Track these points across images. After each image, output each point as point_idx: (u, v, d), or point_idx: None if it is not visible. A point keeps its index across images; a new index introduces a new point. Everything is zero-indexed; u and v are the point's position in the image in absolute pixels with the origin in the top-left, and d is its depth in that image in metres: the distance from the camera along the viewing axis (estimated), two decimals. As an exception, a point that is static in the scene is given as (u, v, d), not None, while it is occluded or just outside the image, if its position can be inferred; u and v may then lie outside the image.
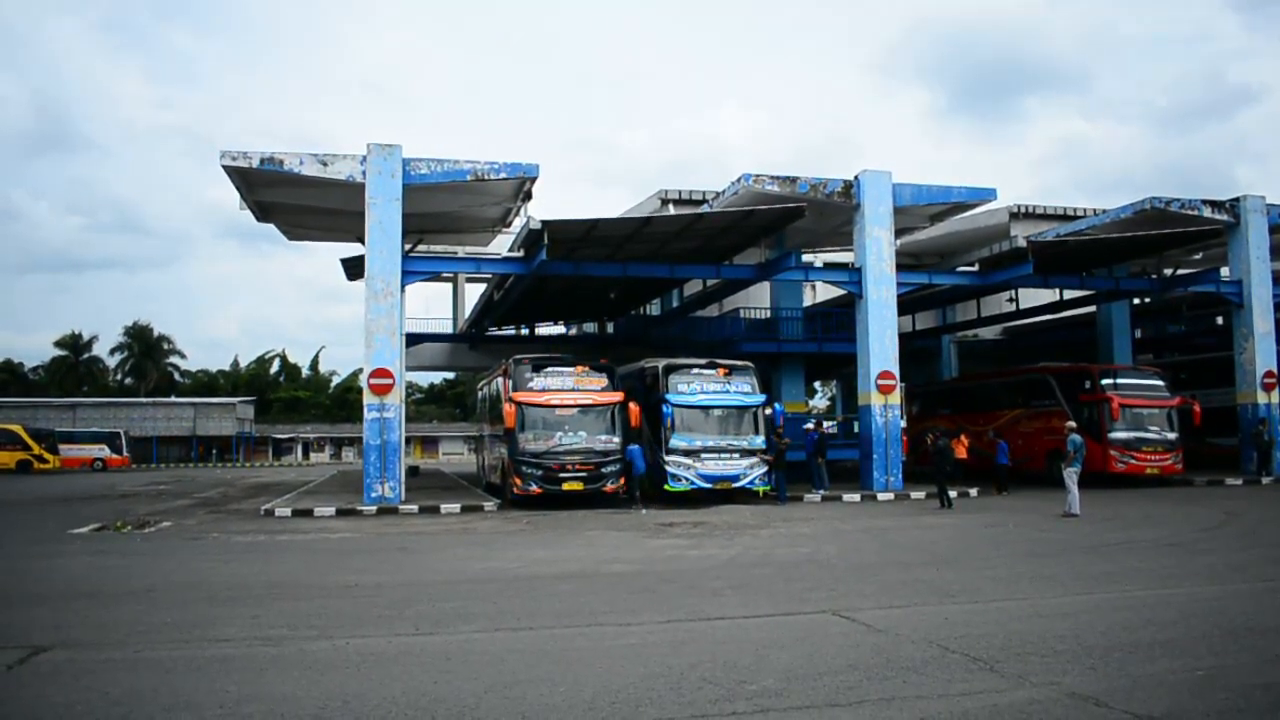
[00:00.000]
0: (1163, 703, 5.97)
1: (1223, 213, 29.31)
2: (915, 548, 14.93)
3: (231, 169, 22.14)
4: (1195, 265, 34.62)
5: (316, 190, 23.70)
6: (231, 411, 75.36)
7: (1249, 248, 29.45)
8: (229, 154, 21.88)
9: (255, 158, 21.95)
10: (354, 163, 22.55)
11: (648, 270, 27.80)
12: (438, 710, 5.99)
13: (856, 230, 26.26)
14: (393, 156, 22.61)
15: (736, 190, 24.85)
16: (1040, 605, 9.66)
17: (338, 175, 22.50)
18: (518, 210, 25.60)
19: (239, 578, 12.27)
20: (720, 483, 23.31)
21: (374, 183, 22.53)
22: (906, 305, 33.03)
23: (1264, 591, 10.27)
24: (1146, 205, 28.01)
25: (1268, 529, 16.73)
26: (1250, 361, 29.44)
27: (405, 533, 17.81)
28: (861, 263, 26.02)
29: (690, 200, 30.25)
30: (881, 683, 6.55)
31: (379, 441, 22.63)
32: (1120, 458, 26.89)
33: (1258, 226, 29.54)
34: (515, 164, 22.89)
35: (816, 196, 25.26)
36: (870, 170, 25.88)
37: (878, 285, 25.93)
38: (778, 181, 24.83)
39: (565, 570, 12.59)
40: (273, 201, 25.04)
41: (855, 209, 25.99)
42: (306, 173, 22.32)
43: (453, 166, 22.83)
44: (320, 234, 29.81)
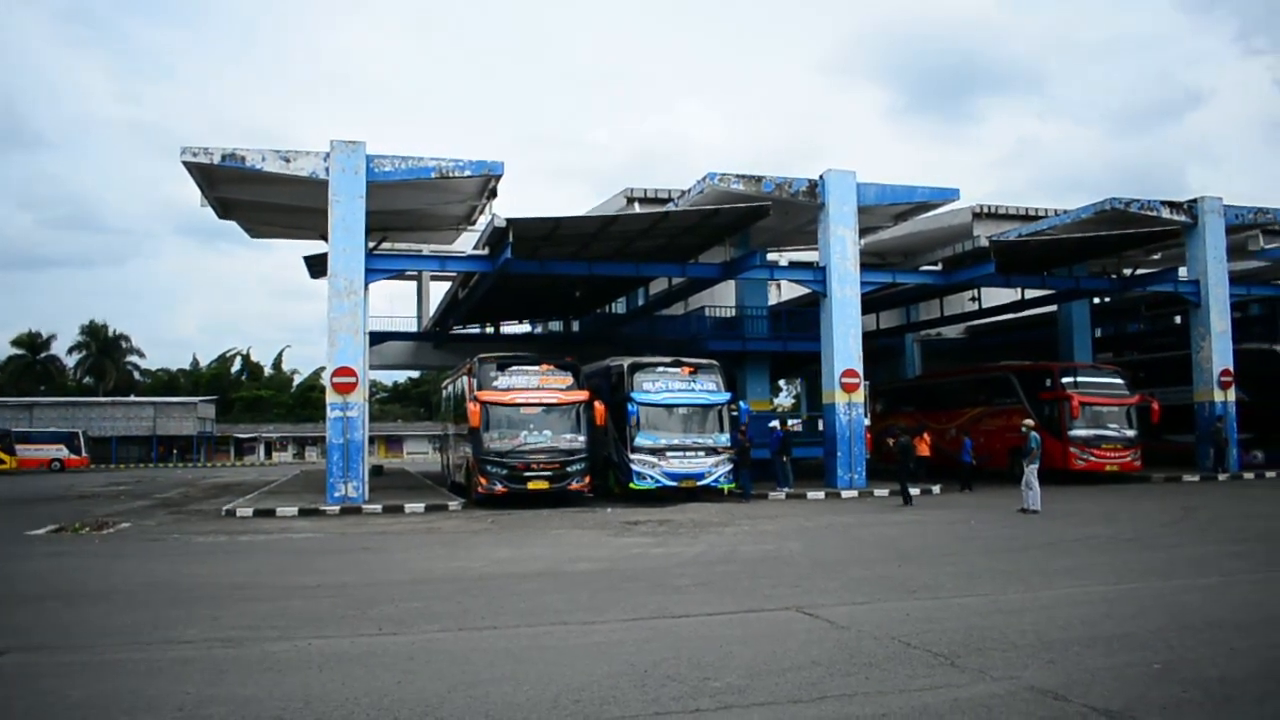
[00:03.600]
0: (1120, 696, 6.05)
1: (1181, 213, 29.69)
2: (878, 544, 15.03)
3: (192, 165, 21.88)
4: (1154, 265, 35.04)
5: (279, 187, 23.49)
6: (192, 411, 74.57)
7: (1206, 248, 29.85)
8: (190, 150, 21.62)
9: (216, 154, 21.71)
10: (317, 159, 22.37)
11: (613, 269, 27.77)
12: (401, 711, 5.96)
13: (821, 229, 26.36)
14: (356, 153, 22.45)
15: (702, 189, 24.88)
16: (1001, 601, 9.76)
17: (300, 172, 22.31)
18: (482, 208, 25.48)
19: (200, 579, 12.16)
20: (685, 481, 23.33)
21: (337, 179, 22.36)
22: (870, 304, 33.23)
23: (1220, 585, 10.42)
24: (1106, 206, 28.32)
25: (1224, 524, 16.97)
26: (1207, 360, 29.84)
27: (369, 532, 17.70)
28: (826, 261, 26.12)
29: (656, 199, 30.25)
30: (843, 678, 6.59)
31: (342, 441, 22.47)
32: (1080, 455, 27.18)
33: (1214, 227, 29.96)
34: (480, 161, 22.79)
35: (781, 195, 25.34)
36: (835, 170, 25.99)
37: (842, 284, 26.05)
38: (743, 180, 24.88)
39: (530, 569, 12.57)
40: (234, 198, 24.78)
41: (820, 208, 26.09)
42: (268, 169, 22.11)
43: (417, 164, 22.70)
44: (283, 231, 29.54)
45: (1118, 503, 21.61)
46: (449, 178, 22.82)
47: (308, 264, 30.25)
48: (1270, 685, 6.29)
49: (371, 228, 23.62)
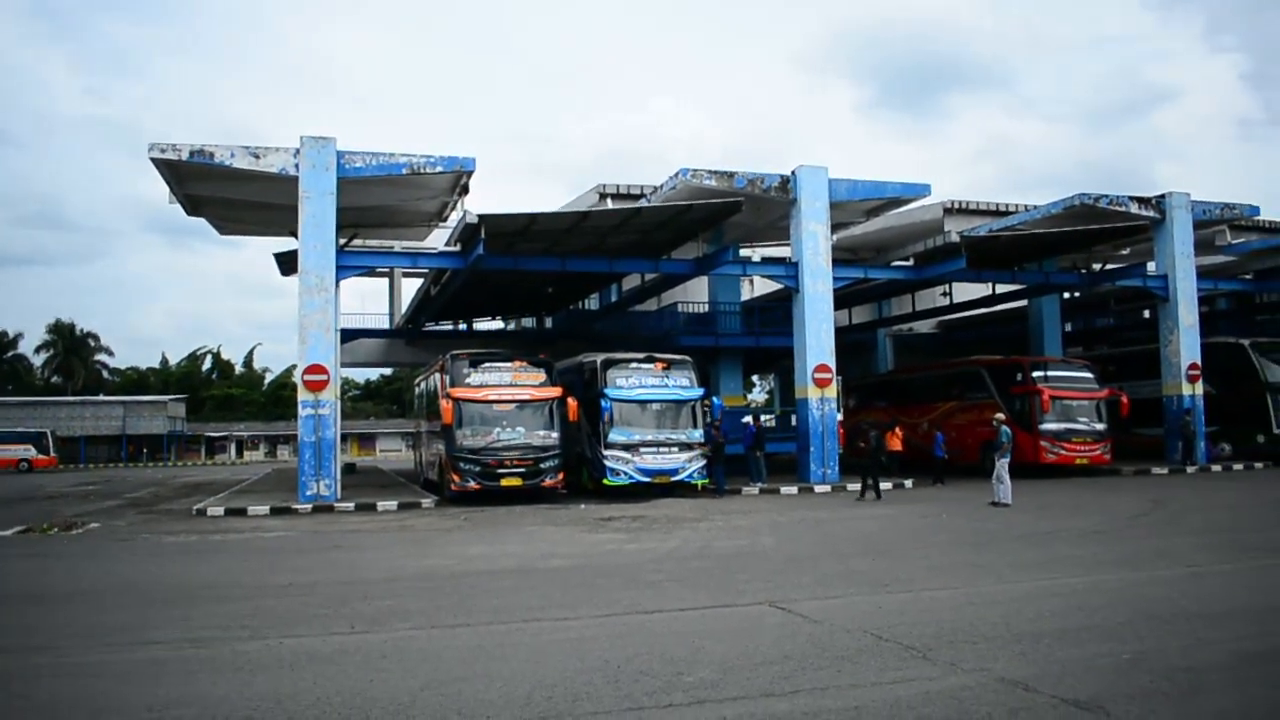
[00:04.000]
0: (1089, 687, 6.09)
1: (1149, 209, 29.96)
2: (851, 539, 15.11)
3: (160, 161, 21.66)
4: (1123, 260, 35.36)
5: (249, 183, 23.31)
6: (162, 410, 73.95)
7: (1174, 243, 30.14)
8: (158, 146, 21.40)
9: (185, 150, 21.50)
10: (287, 155, 22.20)
11: (586, 265, 27.74)
12: (372, 709, 5.93)
13: (793, 225, 26.43)
14: (326, 149, 22.30)
15: (674, 185, 24.88)
16: (972, 593, 9.82)
17: (270, 168, 22.14)
18: (454, 204, 25.37)
19: (170, 579, 12.07)
20: (659, 476, 23.35)
21: (307, 176, 22.21)
22: (843, 299, 33.35)
23: (1188, 577, 10.53)
24: (1076, 201, 28.53)
25: (1192, 516, 17.15)
26: (1175, 354, 30.14)
27: (341, 531, 17.62)
28: (798, 257, 26.20)
29: (628, 195, 30.22)
30: (816, 672, 6.61)
31: (314, 439, 22.34)
32: (1051, 448, 27.42)
33: (1182, 222, 30.25)
34: (452, 157, 22.69)
35: (754, 191, 25.39)
36: (807, 166, 26.06)
37: (814, 279, 26.14)
38: (715, 176, 24.90)
39: (503, 566, 12.54)
40: (203, 195, 24.56)
41: (792, 204, 26.16)
42: (238, 165, 21.92)
43: (388, 160, 22.58)
44: (253, 228, 29.32)
45: (1088, 496, 21.79)
46: (420, 174, 22.71)
47: (278, 261, 30.04)
48: (1237, 675, 6.36)
49: (342, 224, 23.48)
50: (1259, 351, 31.64)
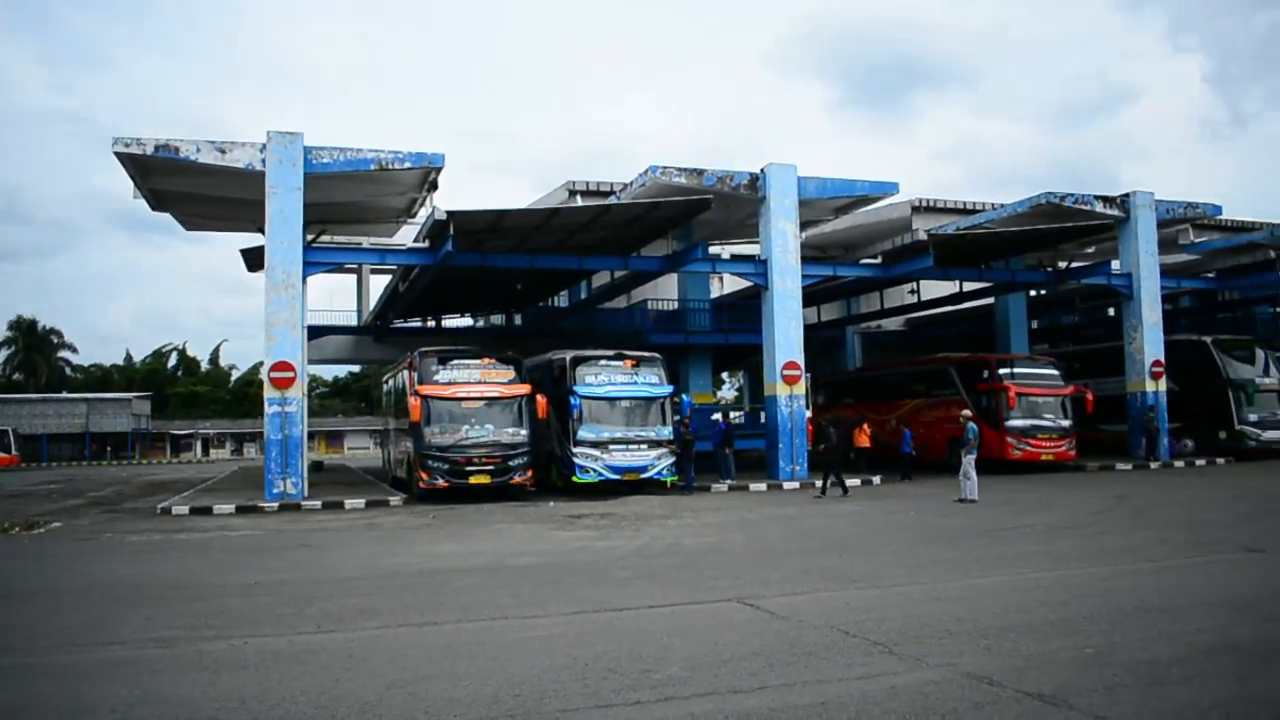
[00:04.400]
0: (1053, 680, 6.15)
1: (1114, 208, 30.26)
2: (819, 535, 15.18)
3: (124, 156, 21.42)
4: (1088, 258, 35.69)
5: (215, 179, 23.08)
6: (127, 407, 73.13)
7: (1138, 241, 30.44)
8: (122, 140, 21.16)
9: (149, 144, 21.27)
10: (253, 150, 22.01)
11: (555, 262, 27.69)
12: (338, 709, 5.90)
13: (762, 223, 26.50)
14: (294, 144, 22.13)
15: (644, 182, 24.88)
16: (938, 589, 9.89)
17: (236, 163, 21.94)
18: (423, 200, 25.25)
19: (134, 578, 11.96)
20: (628, 474, 23.37)
21: (274, 171, 22.03)
22: (812, 297, 33.50)
23: (1151, 571, 10.65)
24: (1042, 200, 28.76)
25: (1156, 511, 17.35)
26: (1139, 351, 30.46)
27: (308, 529, 17.51)
28: (767, 255, 26.26)
29: (598, 192, 30.19)
30: (783, 668, 6.64)
31: (280, 436, 22.19)
32: (1017, 445, 27.67)
33: (1146, 221, 30.55)
34: (420, 153, 22.58)
35: (723, 189, 25.43)
36: (776, 164, 26.13)
37: (783, 277, 26.21)
38: (685, 174, 24.92)
39: (471, 564, 12.51)
40: (168, 190, 24.29)
41: (761, 202, 26.22)
42: (203, 160, 21.71)
43: (356, 155, 22.43)
44: (219, 224, 29.04)
45: (1053, 491, 21.99)
46: (389, 170, 22.59)
47: (244, 257, 29.81)
48: (1197, 667, 6.43)
49: (310, 220, 23.31)
50: (1221, 349, 32.02)
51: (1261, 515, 16.28)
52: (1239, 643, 7.07)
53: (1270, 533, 13.65)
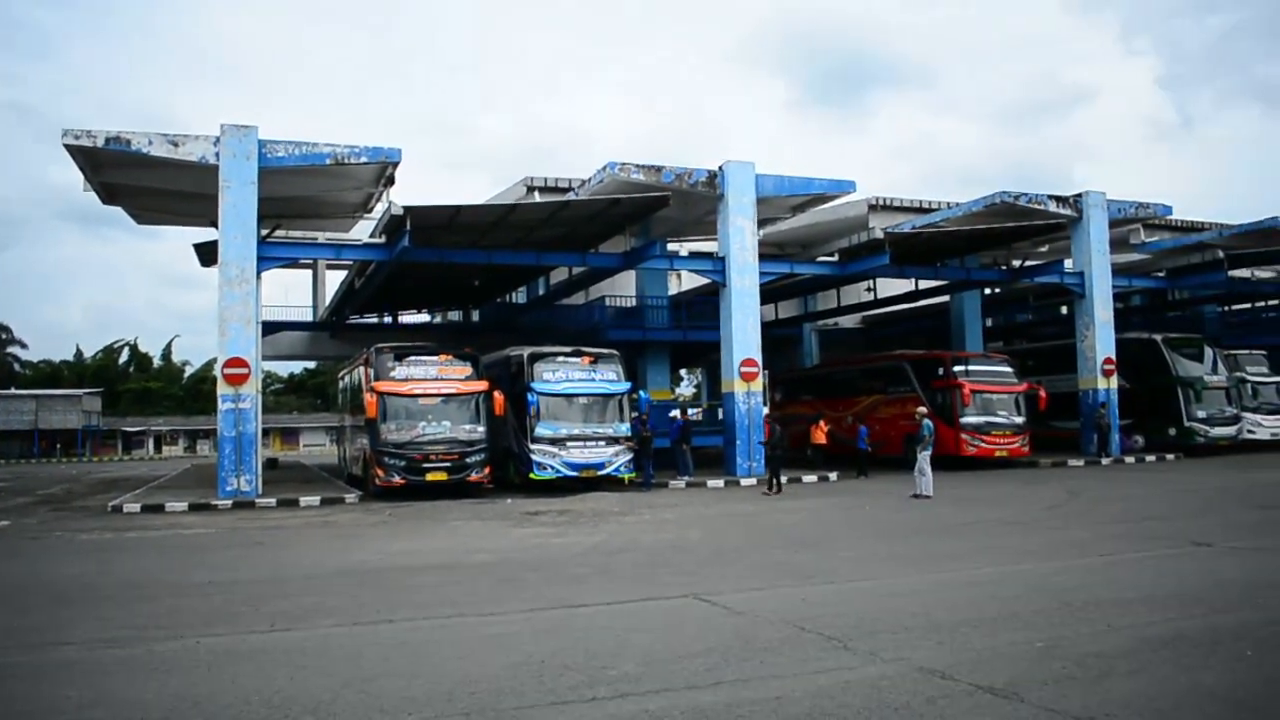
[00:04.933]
0: (1004, 674, 6.23)
1: (1067, 207, 30.64)
2: (776, 531, 15.27)
3: (75, 148, 21.08)
4: (1041, 257, 36.12)
5: (167, 172, 22.79)
6: (77, 404, 72.10)
7: (1090, 241, 30.85)
8: (72, 132, 20.81)
9: (100, 137, 20.94)
10: (207, 144, 21.74)
11: (513, 258, 27.60)
12: (292, 708, 5.85)
13: (720, 220, 26.56)
14: (248, 138, 21.88)
15: (602, 178, 24.86)
16: (893, 584, 9.99)
17: (189, 156, 21.65)
18: (379, 195, 25.07)
19: (84, 578, 11.78)
20: (586, 470, 23.36)
21: (228, 165, 21.77)
22: (769, 294, 33.67)
23: (1100, 566, 10.81)
24: (996, 199, 29.06)
25: (1106, 506, 17.60)
26: (1091, 349, 30.88)
27: (262, 527, 17.34)
28: (725, 252, 26.33)
29: (556, 188, 30.13)
30: (739, 664, 6.67)
31: (234, 433, 21.95)
32: (971, 441, 27.96)
33: (1098, 221, 30.97)
34: (377, 148, 22.41)
35: (681, 186, 25.46)
36: (734, 161, 26.19)
37: (741, 274, 26.29)
38: (643, 170, 24.92)
39: (428, 561, 12.46)
40: (120, 183, 23.95)
41: (719, 199, 26.28)
42: (156, 153, 21.40)
43: (311, 149, 22.21)
44: (172, 218, 28.69)
45: (1006, 487, 22.26)
46: (345, 164, 22.40)
47: (198, 252, 29.46)
48: (1144, 659, 6.54)
49: (264, 215, 23.06)
50: (1171, 347, 32.57)
51: (1208, 510, 16.57)
52: (1185, 635, 7.19)
53: (1217, 527, 13.88)
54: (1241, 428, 32.27)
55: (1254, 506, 16.89)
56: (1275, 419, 33.83)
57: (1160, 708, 5.50)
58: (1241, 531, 13.43)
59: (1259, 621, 7.65)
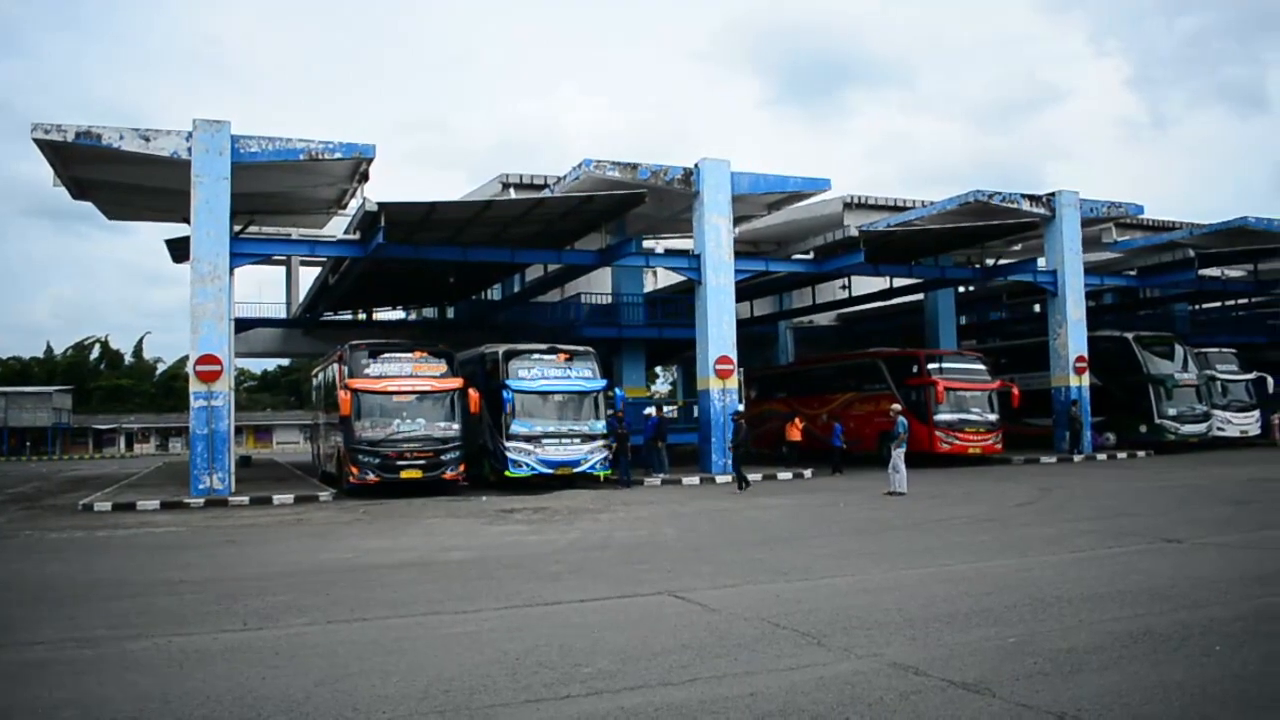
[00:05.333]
0: (976, 669, 6.28)
1: (1040, 206, 30.85)
2: (751, 528, 15.30)
3: (44, 143, 20.84)
4: (1015, 255, 36.36)
5: (139, 167, 22.57)
6: (47, 401, 71.33)
7: (1063, 239, 31.08)
8: (41, 127, 20.57)
9: (70, 132, 20.72)
10: (179, 139, 21.56)
11: (488, 255, 27.53)
12: (264, 707, 5.82)
13: (696, 217, 26.58)
14: (221, 133, 21.71)
15: (578, 175, 24.83)
16: (867, 580, 10.05)
17: (161, 151, 21.46)
18: (354, 192, 24.92)
19: (54, 577, 11.69)
20: (561, 468, 23.33)
21: (200, 160, 21.60)
22: (745, 291, 33.71)
23: (1071, 562, 10.89)
24: (971, 198, 29.22)
25: (1078, 503, 17.73)
26: (1064, 347, 31.12)
27: (235, 525, 17.24)
28: (701, 249, 26.36)
29: (532, 185, 30.07)
30: (714, 660, 6.69)
31: (207, 431, 21.78)
32: (945, 438, 28.10)
33: (1071, 220, 31.20)
34: (351, 144, 22.28)
35: (657, 183, 25.47)
36: (709, 159, 26.22)
37: (717, 272, 26.32)
38: (619, 167, 24.90)
39: (402, 559, 12.42)
40: (91, 178, 23.71)
41: (695, 196, 26.31)
42: (127, 148, 21.20)
43: (285, 145, 22.07)
44: (143, 213, 28.43)
45: (979, 484, 22.39)
46: (319, 160, 22.25)
47: (170, 248, 29.20)
48: (1115, 655, 6.60)
49: (237, 211, 22.91)
50: (1142, 345, 32.89)
51: (1179, 507, 16.72)
52: (1155, 630, 7.26)
53: (1187, 523, 14.03)
54: (1211, 425, 32.60)
55: (1223, 503, 17.06)
56: (1244, 416, 34.24)
57: (1130, 703, 5.54)
58: (1211, 527, 13.58)
59: (1228, 617, 7.73)
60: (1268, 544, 11.84)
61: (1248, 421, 34.25)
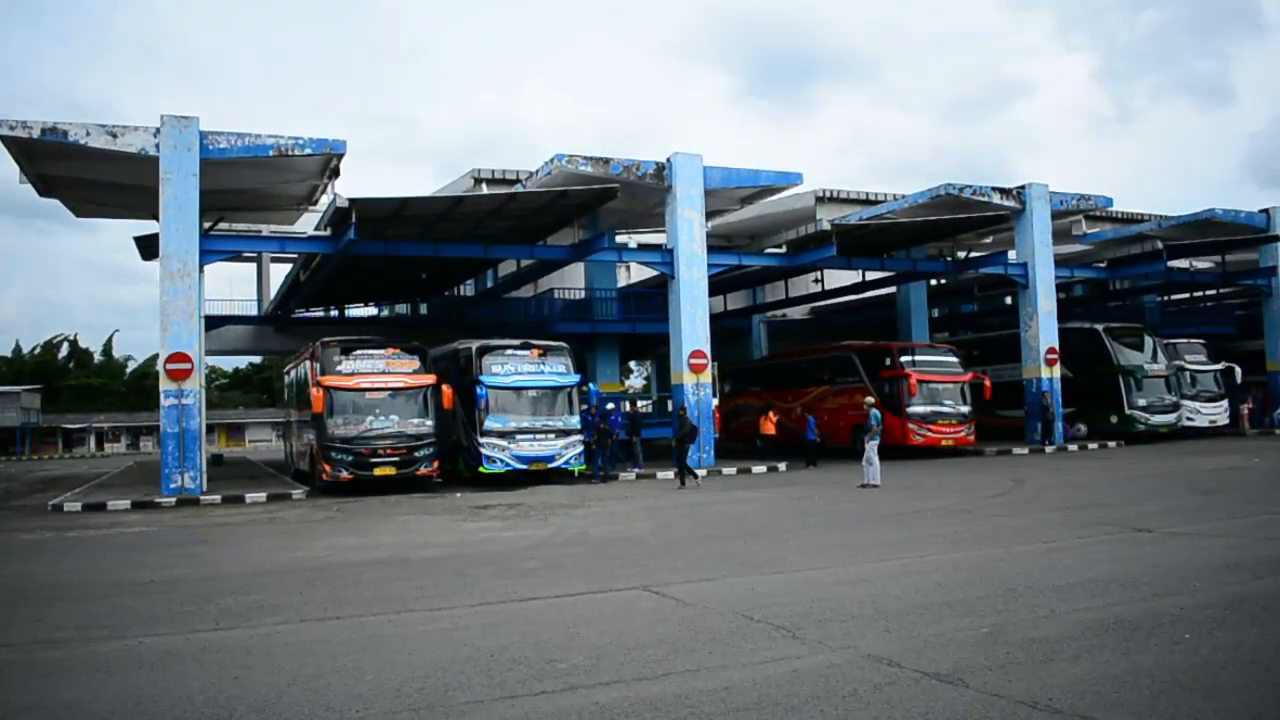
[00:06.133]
0: (950, 660, 6.31)
1: (1010, 199, 31.04)
2: (725, 522, 15.32)
3: (9, 139, 20.59)
4: (986, 249, 36.57)
5: (106, 164, 22.34)
6: (15, 401, 70.50)
7: (1033, 232, 31.31)
8: (6, 123, 20.32)
9: (36, 128, 20.48)
10: (147, 135, 21.36)
11: (461, 250, 27.44)
12: (237, 708, 5.77)
13: (669, 212, 26.59)
14: (189, 129, 21.52)
15: (550, 170, 24.77)
16: (841, 573, 10.07)
17: (129, 148, 21.26)
18: (325, 188, 24.77)
19: (22, 578, 11.56)
20: (536, 464, 23.29)
21: (169, 157, 21.41)
22: (718, 286, 33.73)
23: (1043, 552, 10.96)
24: (942, 191, 29.38)
25: (1049, 494, 17.85)
26: (1035, 338, 31.34)
27: (207, 524, 17.11)
28: (674, 244, 26.37)
29: (504, 180, 29.98)
30: (688, 654, 6.68)
31: (178, 429, 21.62)
32: (918, 430, 28.27)
33: (1041, 212, 31.43)
34: (322, 140, 22.14)
35: (629, 178, 25.45)
36: (682, 153, 26.22)
37: (689, 266, 26.35)
38: (591, 162, 24.88)
39: (375, 557, 12.35)
40: (57, 175, 23.45)
41: (667, 191, 26.31)
42: (94, 145, 20.98)
43: (254, 141, 21.90)
44: (112, 210, 28.15)
45: (952, 476, 22.52)
46: (289, 156, 22.11)
47: (139, 245, 28.90)
48: (1086, 644, 6.64)
49: (207, 207, 22.72)
50: (1112, 336, 33.17)
51: (1149, 497, 16.88)
52: (1125, 619, 7.31)
53: (1157, 513, 14.15)
54: (1181, 415, 32.93)
55: (1193, 492, 17.24)
56: (1213, 406, 34.62)
57: (1101, 690, 5.58)
58: (1180, 517, 13.70)
59: (1196, 605, 7.80)
60: (1235, 532, 11.95)
61: (1217, 411, 34.64)
